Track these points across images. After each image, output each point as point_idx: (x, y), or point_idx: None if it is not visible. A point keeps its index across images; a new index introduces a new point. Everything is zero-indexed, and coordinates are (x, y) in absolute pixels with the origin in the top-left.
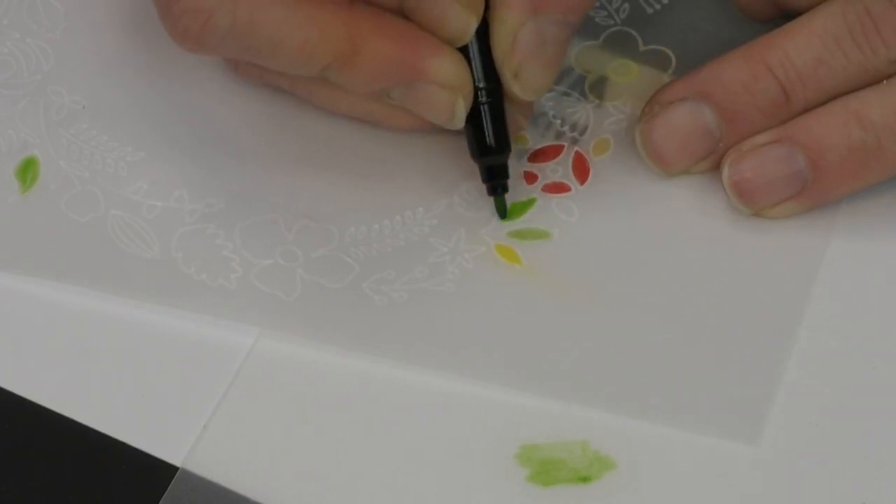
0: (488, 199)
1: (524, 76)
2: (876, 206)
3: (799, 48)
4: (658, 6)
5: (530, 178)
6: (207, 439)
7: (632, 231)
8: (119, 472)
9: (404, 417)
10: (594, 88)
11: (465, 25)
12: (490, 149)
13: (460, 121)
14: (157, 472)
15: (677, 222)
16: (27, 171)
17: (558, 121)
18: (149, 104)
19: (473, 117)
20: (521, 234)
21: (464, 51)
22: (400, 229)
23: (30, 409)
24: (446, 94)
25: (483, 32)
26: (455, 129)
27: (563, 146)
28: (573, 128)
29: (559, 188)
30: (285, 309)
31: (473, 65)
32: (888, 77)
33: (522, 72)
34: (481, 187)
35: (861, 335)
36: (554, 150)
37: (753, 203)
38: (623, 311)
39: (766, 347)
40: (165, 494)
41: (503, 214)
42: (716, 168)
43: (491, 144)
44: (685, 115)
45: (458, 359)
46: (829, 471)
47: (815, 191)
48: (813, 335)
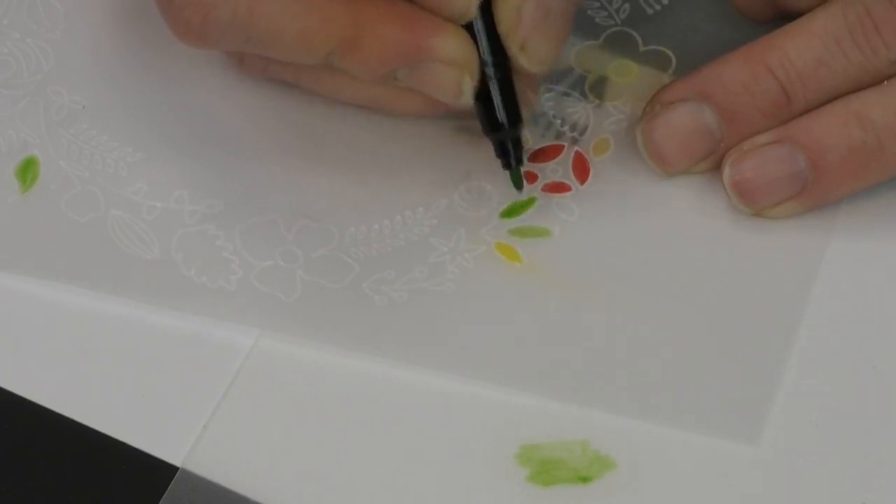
0: (489, 199)
1: (530, 49)
2: (876, 206)
3: (799, 49)
4: (658, 7)
5: (530, 177)
6: (207, 439)
7: (632, 230)
8: (119, 472)
9: (404, 417)
10: (594, 88)
11: (468, 2)
12: (501, 124)
13: (468, 98)
14: (157, 472)
15: (677, 222)
16: (27, 171)
17: (558, 121)
18: (149, 104)
19: (483, 94)
20: (522, 232)
21: (469, 28)
22: (400, 229)
23: (30, 409)
24: (452, 72)
25: (487, 8)
26: (463, 106)
27: (563, 146)
28: (573, 128)
29: (559, 188)
30: (285, 310)
31: (479, 41)
32: (888, 78)
33: (528, 45)
34: (481, 186)
35: (861, 335)
36: (554, 150)
37: (754, 203)
38: (623, 310)
39: (767, 347)
40: (165, 494)
41: (519, 186)
42: (716, 168)
43: (502, 120)
44: (686, 115)
45: (458, 358)
46: (829, 471)
47: (815, 191)
48: (813, 335)
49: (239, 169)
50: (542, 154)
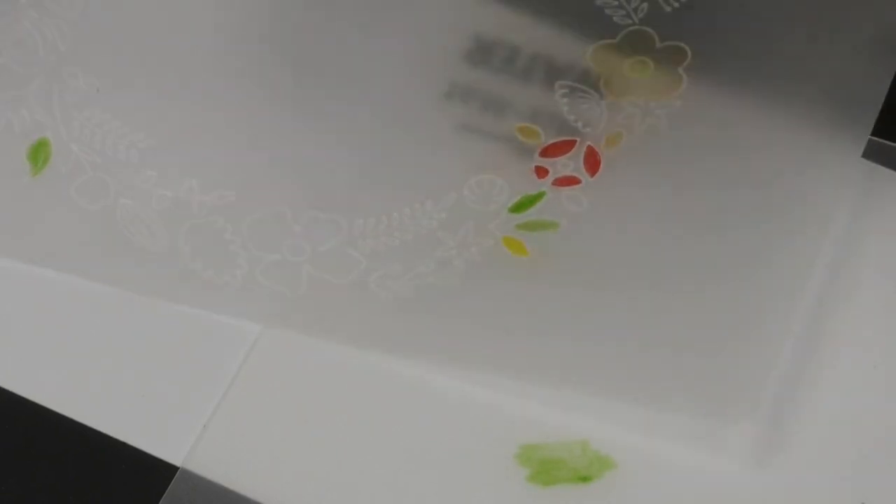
0: (499, 193)
1: None
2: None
3: None
4: (676, 4)
5: (541, 172)
6: (207, 439)
7: (639, 219)
8: (119, 472)
9: (404, 417)
10: (609, 85)
11: None
12: None
13: None
14: (157, 472)
15: (686, 213)
16: (39, 152)
17: (572, 116)
18: (164, 90)
19: None
20: (529, 226)
21: None
22: (409, 222)
23: (30, 409)
24: None
25: None
26: None
27: (575, 141)
28: (586, 123)
29: (570, 181)
30: (290, 306)
31: None
32: None
33: None
34: (492, 180)
35: (861, 335)
36: (566, 145)
37: None
38: (628, 300)
39: (767, 336)
40: (165, 494)
41: None
42: None
43: None
44: None
45: (463, 352)
46: (829, 471)
47: None
48: (813, 334)
49: (250, 158)
50: (554, 149)
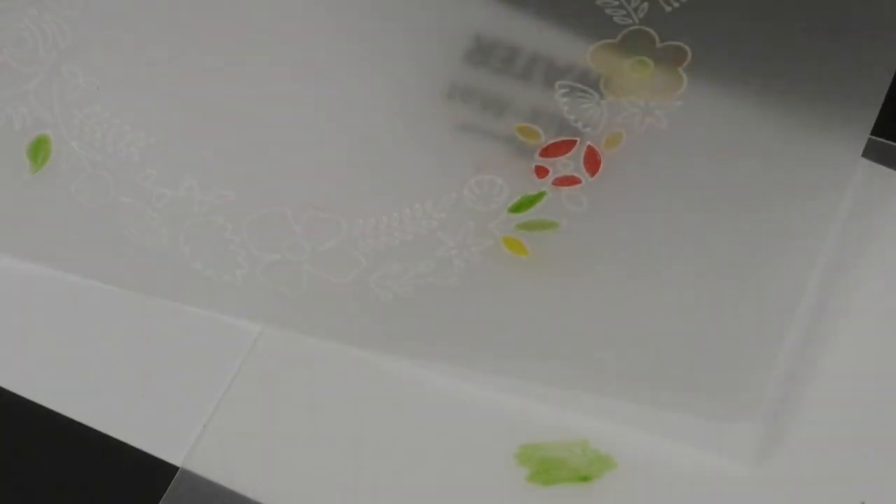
0: (498, 193)
1: None
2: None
3: None
4: (677, 4)
5: (541, 172)
6: (207, 439)
7: (639, 219)
8: (119, 472)
9: (404, 417)
10: (609, 85)
11: None
12: None
13: None
14: (157, 472)
15: (686, 213)
16: (39, 150)
17: (572, 116)
18: (164, 88)
19: None
20: (529, 226)
21: None
22: (409, 222)
23: (30, 409)
24: None
25: None
26: None
27: (575, 141)
28: (586, 123)
29: (570, 181)
30: (290, 305)
31: None
32: None
33: None
34: (492, 180)
35: (861, 334)
36: (566, 145)
37: None
38: (628, 300)
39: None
40: (165, 494)
41: None
42: None
43: None
44: None
45: (463, 352)
46: (829, 471)
47: None
48: (813, 334)
49: (251, 156)
50: (555, 149)
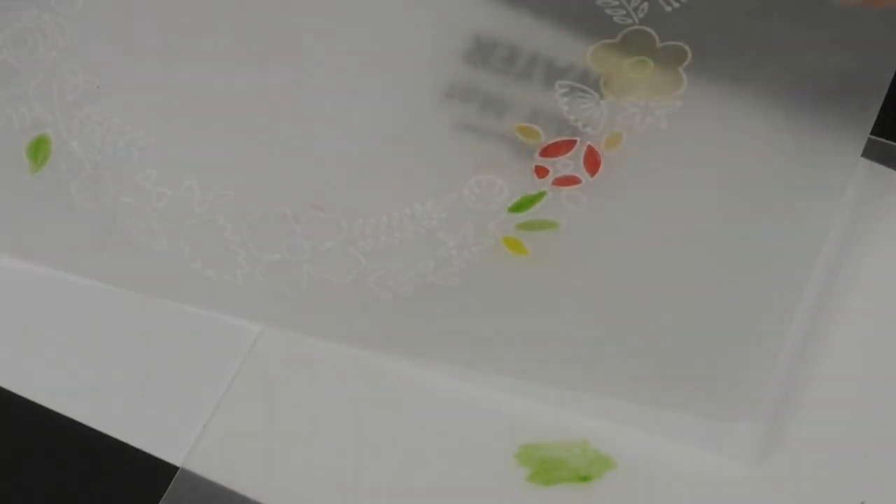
0: (498, 193)
1: None
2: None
3: None
4: (677, 4)
5: (541, 172)
6: (207, 439)
7: (640, 219)
8: (119, 472)
9: (404, 417)
10: (609, 85)
11: None
12: None
13: None
14: (157, 472)
15: (687, 213)
16: (39, 150)
17: (572, 116)
18: (163, 87)
19: None
20: (529, 226)
21: None
22: (408, 222)
23: (30, 409)
24: None
25: None
26: None
27: (575, 141)
28: (586, 123)
29: (570, 181)
30: (290, 305)
31: None
32: None
33: None
34: (492, 181)
35: (862, 334)
36: (566, 145)
37: None
38: (627, 298)
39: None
40: (165, 494)
41: None
42: None
43: None
44: None
45: (463, 352)
46: (829, 471)
47: None
48: (814, 334)
49: (251, 156)
50: (555, 149)
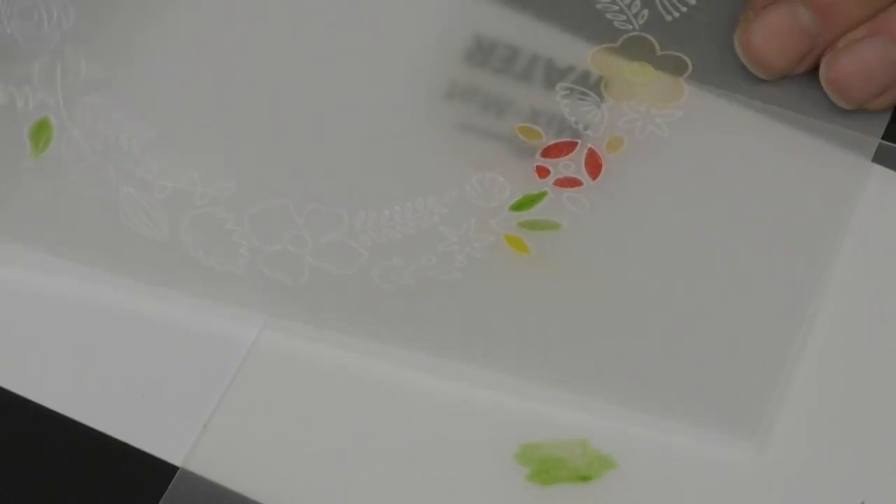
0: (500, 190)
1: None
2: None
3: None
4: (677, 14)
5: (542, 172)
6: (207, 439)
7: (642, 224)
8: (119, 472)
9: (404, 417)
10: (610, 88)
11: None
12: None
13: None
14: (157, 472)
15: (689, 219)
16: (41, 133)
17: (573, 118)
18: (165, 80)
19: None
20: (531, 225)
21: None
22: (410, 216)
23: (30, 409)
24: None
25: None
26: None
27: (576, 143)
28: (587, 125)
29: (571, 183)
30: (292, 296)
31: None
32: None
33: None
34: (494, 178)
35: (862, 335)
36: (567, 147)
37: (852, 98)
38: (629, 302)
39: (771, 342)
40: (165, 494)
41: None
42: (815, 68)
43: None
44: (781, 16)
45: (463, 347)
46: (829, 470)
47: None
48: (815, 335)
49: (252, 150)
50: (556, 150)
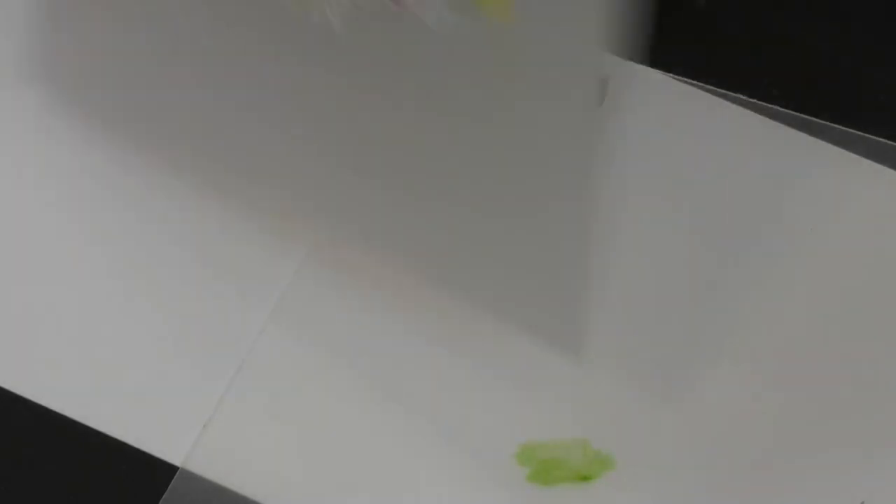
0: None
1: None
2: None
3: None
4: None
5: None
6: (207, 439)
7: None
8: (119, 472)
9: (404, 416)
10: None
11: None
12: None
13: None
14: (157, 472)
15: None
16: None
17: None
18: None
19: None
20: None
21: None
22: None
23: (30, 409)
24: None
25: None
26: None
27: None
28: None
29: None
30: None
31: None
32: None
33: None
34: None
35: (863, 335)
36: None
37: None
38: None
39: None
40: (165, 494)
41: None
42: None
43: None
44: None
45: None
46: (829, 471)
47: None
48: (814, 334)
49: None
50: None
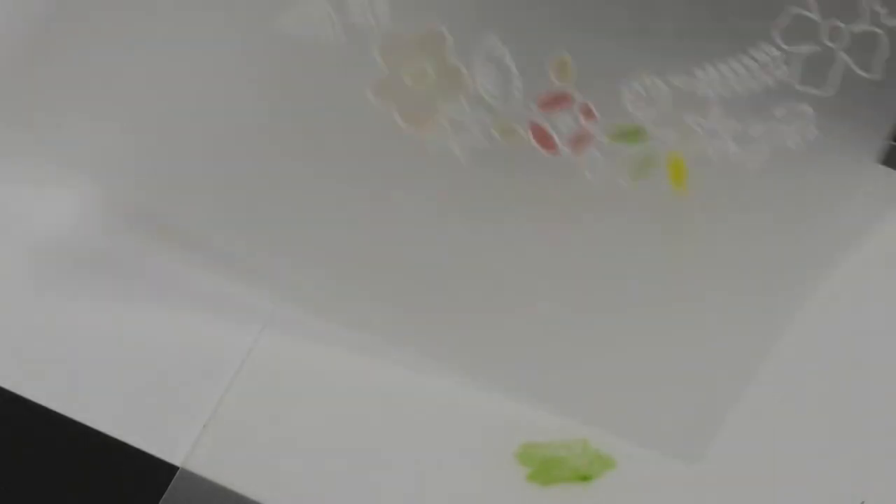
0: None
1: None
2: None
3: None
4: None
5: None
6: (207, 439)
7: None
8: (119, 472)
9: (404, 417)
10: None
11: None
12: None
13: None
14: (157, 472)
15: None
16: None
17: None
18: None
19: None
20: None
21: None
22: None
23: (30, 409)
24: None
25: None
26: None
27: None
28: None
29: None
30: None
31: None
32: None
33: None
34: None
35: (863, 336)
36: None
37: None
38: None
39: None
40: (165, 494)
41: None
42: None
43: None
44: None
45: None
46: (828, 471)
47: None
48: (816, 336)
49: None
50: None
